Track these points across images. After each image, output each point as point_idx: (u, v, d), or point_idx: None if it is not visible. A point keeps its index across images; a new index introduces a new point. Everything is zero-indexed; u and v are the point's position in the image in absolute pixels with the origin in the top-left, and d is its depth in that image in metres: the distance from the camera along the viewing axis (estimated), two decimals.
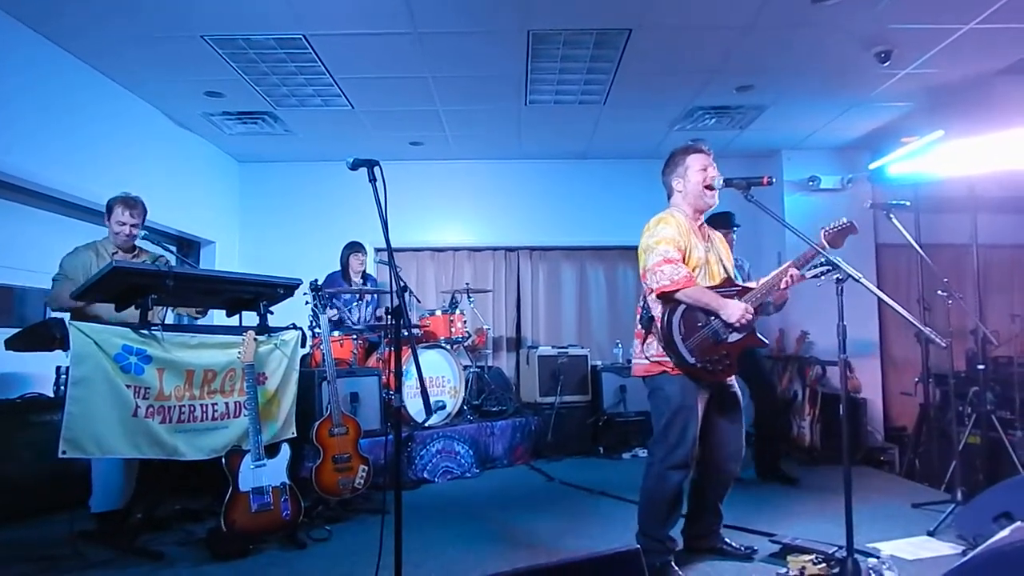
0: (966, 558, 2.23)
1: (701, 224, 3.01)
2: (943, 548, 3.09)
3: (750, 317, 2.73)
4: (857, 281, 2.53)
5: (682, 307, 2.79)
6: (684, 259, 2.83)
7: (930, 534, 3.27)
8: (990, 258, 6.16)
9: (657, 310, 2.85)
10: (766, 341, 2.92)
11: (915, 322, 2.57)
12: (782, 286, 2.86)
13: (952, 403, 4.36)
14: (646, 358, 2.92)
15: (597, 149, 6.72)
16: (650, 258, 2.82)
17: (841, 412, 2.74)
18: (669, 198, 3.05)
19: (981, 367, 4.14)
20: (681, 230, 2.86)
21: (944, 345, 2.58)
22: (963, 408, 4.69)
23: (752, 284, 2.93)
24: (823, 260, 3.06)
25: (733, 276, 2.99)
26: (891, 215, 3.62)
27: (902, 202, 3.70)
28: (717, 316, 2.76)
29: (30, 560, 2.99)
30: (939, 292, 3.90)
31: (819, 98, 5.29)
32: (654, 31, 4.17)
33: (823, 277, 2.79)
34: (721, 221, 4.63)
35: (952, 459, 3.98)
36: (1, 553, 3.11)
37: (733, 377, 3.01)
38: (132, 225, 3.56)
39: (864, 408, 5.89)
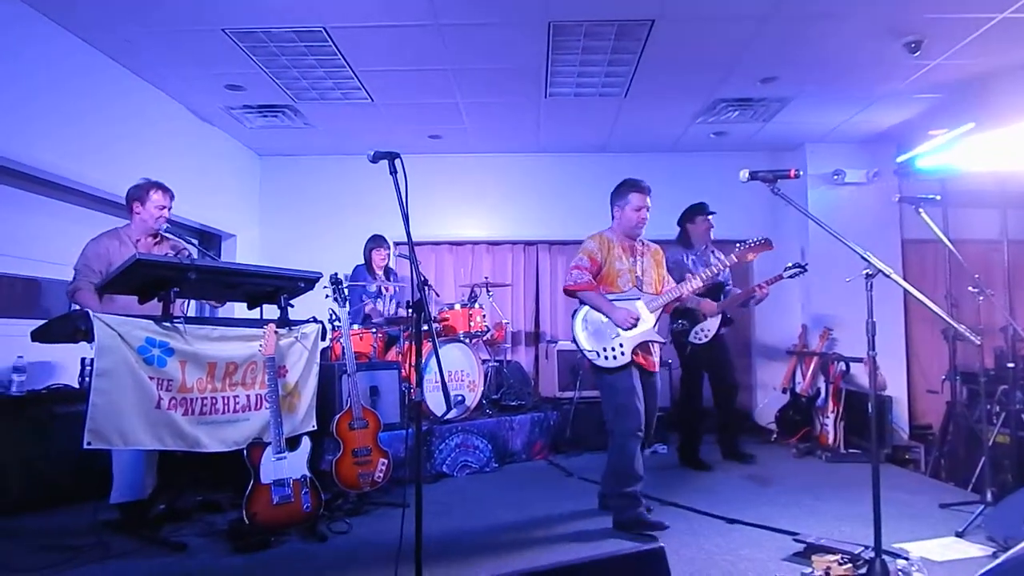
0: (997, 561, 2.17)
1: (632, 244, 3.60)
2: (972, 550, 3.02)
3: (632, 322, 3.37)
4: (888, 277, 2.47)
5: (587, 307, 3.49)
6: (600, 269, 3.50)
7: (959, 535, 3.19)
8: (1020, 254, 6.01)
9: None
10: (662, 340, 3.58)
11: (949, 319, 2.51)
12: (684, 295, 3.54)
13: (981, 401, 4.27)
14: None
15: (617, 142, 6.66)
16: (571, 263, 3.55)
17: (870, 410, 2.68)
18: (612, 218, 3.66)
19: (1011, 365, 4.04)
20: (602, 246, 3.54)
21: (978, 342, 2.52)
22: (991, 407, 4.59)
23: (664, 290, 3.59)
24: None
25: (654, 284, 3.60)
26: (920, 209, 3.54)
27: (932, 196, 3.61)
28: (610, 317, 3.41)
29: (55, 549, 3.02)
30: (970, 288, 3.80)
31: (845, 90, 5.20)
32: (677, 22, 4.12)
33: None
34: (698, 210, 4.92)
35: (980, 458, 3.90)
36: (28, 541, 3.15)
37: (657, 369, 3.61)
38: (169, 209, 3.63)
39: (889, 406, 5.80)
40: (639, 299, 3.48)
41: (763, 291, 4.61)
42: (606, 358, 3.41)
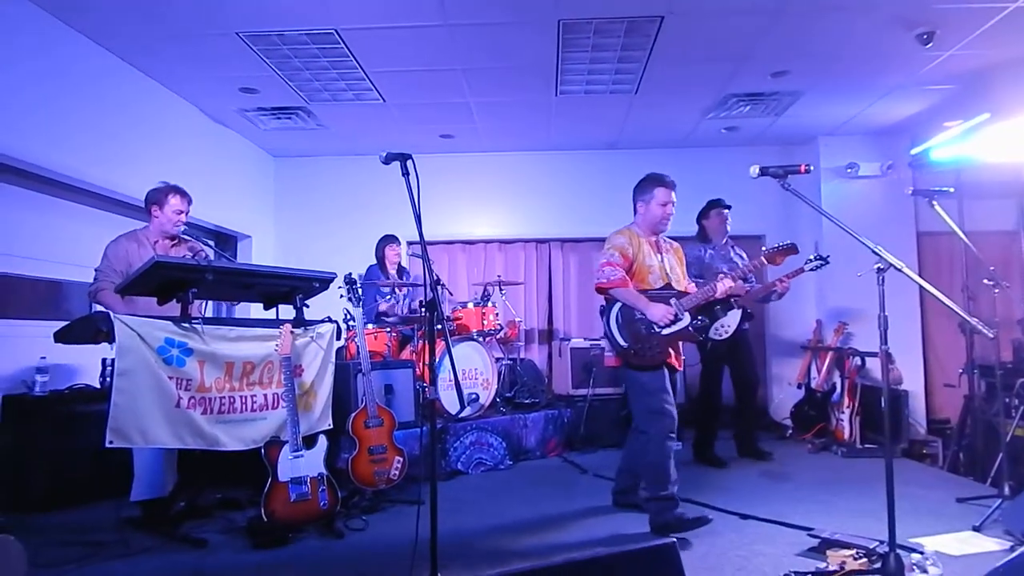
0: (1014, 555, 2.17)
1: (657, 240, 3.57)
2: (989, 544, 3.01)
3: (670, 318, 3.29)
4: (899, 271, 2.47)
5: (620, 303, 3.38)
6: (631, 265, 3.42)
7: (976, 529, 3.18)
8: None
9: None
10: (699, 337, 3.58)
11: (961, 312, 2.50)
12: (718, 295, 3.44)
13: (998, 395, 4.24)
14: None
15: (628, 139, 6.66)
16: (599, 260, 3.45)
17: (883, 404, 2.67)
18: (634, 213, 3.60)
19: None
20: (632, 242, 3.45)
21: (991, 335, 2.51)
22: (1010, 400, 4.55)
23: (692, 288, 3.54)
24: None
25: (681, 281, 3.55)
26: (934, 202, 3.51)
27: (946, 188, 3.58)
28: (644, 314, 3.32)
29: (79, 544, 3.08)
30: (985, 281, 3.78)
31: (857, 82, 5.16)
32: (686, 17, 4.11)
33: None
34: (712, 204, 4.95)
35: (998, 452, 3.86)
36: (51, 537, 3.22)
37: (682, 367, 3.56)
38: (186, 213, 3.70)
39: (906, 400, 5.76)
40: (672, 296, 3.39)
41: (783, 285, 4.58)
42: (642, 356, 3.33)
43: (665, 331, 3.32)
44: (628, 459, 3.67)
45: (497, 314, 5.56)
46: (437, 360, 4.68)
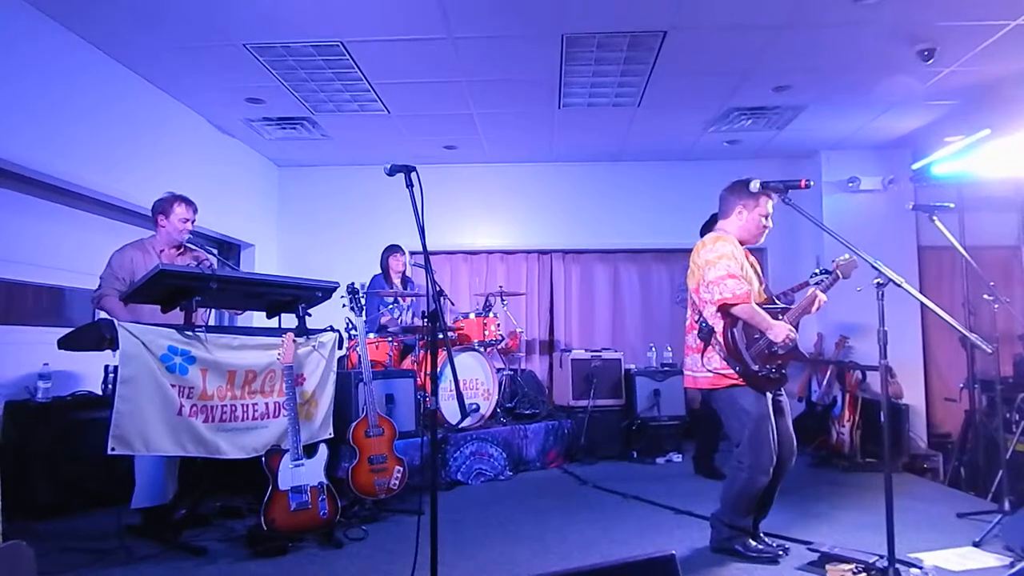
0: (1014, 570, 2.18)
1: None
2: (989, 559, 3.00)
3: (794, 337, 2.97)
4: (899, 286, 2.48)
5: (741, 321, 3.02)
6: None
7: (975, 545, 3.17)
8: None
9: (719, 325, 3.04)
10: (806, 355, 3.15)
11: (959, 327, 2.51)
12: (812, 312, 3.16)
13: (999, 409, 4.24)
14: (709, 371, 3.10)
15: (631, 151, 6.69)
16: (712, 271, 3.02)
17: (882, 418, 2.68)
18: (720, 214, 3.24)
19: None
20: (737, 250, 3.08)
21: (990, 351, 2.52)
22: (1011, 415, 4.55)
23: (783, 304, 3.21)
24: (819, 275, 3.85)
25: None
26: (934, 217, 3.53)
27: (946, 204, 3.59)
28: (763, 334, 2.98)
29: (80, 552, 3.10)
30: (985, 296, 3.79)
31: (860, 97, 5.19)
32: (689, 32, 4.14)
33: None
34: (712, 221, 4.76)
35: (999, 467, 3.86)
36: (53, 544, 3.22)
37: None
38: (192, 222, 3.73)
39: (906, 414, 5.75)
40: (779, 312, 3.09)
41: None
42: (771, 380, 3.06)
43: (780, 350, 3.01)
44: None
45: (498, 324, 5.58)
46: (438, 370, 4.69)
